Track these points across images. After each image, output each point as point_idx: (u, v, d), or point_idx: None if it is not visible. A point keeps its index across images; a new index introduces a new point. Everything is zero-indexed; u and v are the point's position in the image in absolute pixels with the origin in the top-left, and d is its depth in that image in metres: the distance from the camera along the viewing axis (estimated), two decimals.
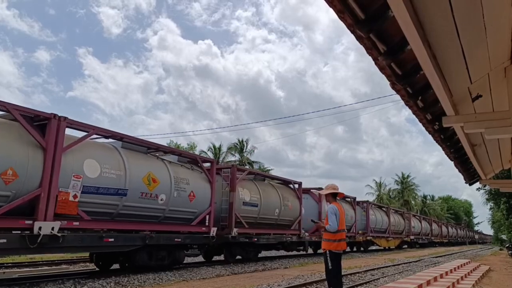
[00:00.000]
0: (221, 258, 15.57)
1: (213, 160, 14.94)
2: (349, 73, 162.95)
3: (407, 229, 34.97)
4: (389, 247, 31.62)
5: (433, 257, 22.98)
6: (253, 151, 43.95)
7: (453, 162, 8.32)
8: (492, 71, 4.11)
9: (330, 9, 2.82)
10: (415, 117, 5.16)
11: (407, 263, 18.15)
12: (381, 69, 3.74)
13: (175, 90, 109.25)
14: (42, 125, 8.37)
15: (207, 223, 12.66)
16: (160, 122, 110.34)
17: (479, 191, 30.47)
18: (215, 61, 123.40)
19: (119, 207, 9.64)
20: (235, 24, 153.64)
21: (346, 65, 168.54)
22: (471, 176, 10.41)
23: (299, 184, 18.93)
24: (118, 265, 11.57)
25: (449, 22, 3.00)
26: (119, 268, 11.46)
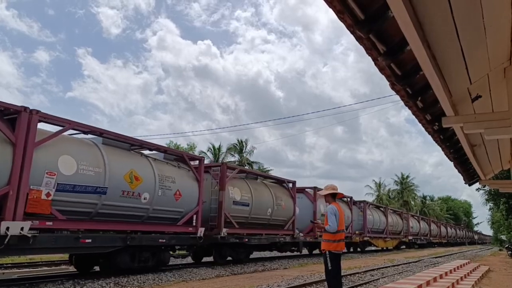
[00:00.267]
0: (212, 259, 14.97)
1: (201, 157, 14.23)
2: (348, 74, 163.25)
3: (405, 229, 34.72)
4: (387, 248, 31.38)
5: (432, 258, 22.99)
6: (253, 152, 43.98)
7: (452, 162, 8.32)
8: (491, 71, 4.11)
9: (329, 9, 2.82)
10: (414, 117, 5.17)
11: (406, 263, 18.15)
12: (381, 70, 3.74)
13: (175, 90, 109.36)
14: (13, 119, 7.95)
15: (194, 223, 12.22)
16: (159, 122, 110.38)
17: (478, 191, 30.53)
18: (215, 62, 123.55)
19: (98, 206, 9.20)
20: (235, 24, 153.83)
21: (345, 65, 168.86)
22: (470, 176, 10.42)
23: (293, 183, 18.44)
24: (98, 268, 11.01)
25: (448, 22, 3.01)
26: (99, 270, 10.91)
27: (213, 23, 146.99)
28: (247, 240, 14.70)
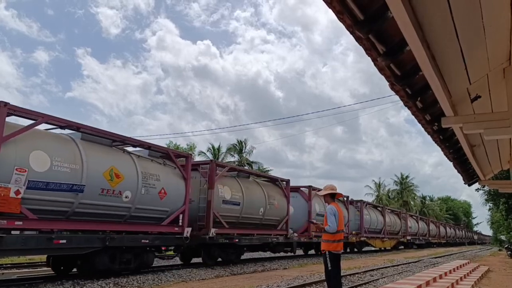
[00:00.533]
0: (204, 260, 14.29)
1: (188, 154, 13.32)
2: (348, 74, 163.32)
3: (404, 229, 34.36)
4: (385, 248, 31.04)
5: (432, 258, 23.00)
6: (252, 152, 43.99)
7: (452, 162, 8.33)
8: (491, 72, 4.11)
9: (329, 9, 2.82)
10: (414, 117, 5.17)
11: (406, 263, 18.15)
12: (380, 70, 3.74)
13: (174, 90, 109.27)
14: None
15: (180, 223, 11.72)
16: (159, 122, 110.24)
17: (478, 191, 30.45)
18: (214, 62, 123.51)
19: (74, 204, 8.73)
20: (234, 24, 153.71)
21: (345, 65, 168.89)
22: (470, 176, 10.43)
23: (286, 181, 17.97)
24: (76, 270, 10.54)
25: (448, 23, 3.01)
26: (76, 272, 10.43)
27: (212, 23, 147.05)
28: (237, 240, 14.16)
